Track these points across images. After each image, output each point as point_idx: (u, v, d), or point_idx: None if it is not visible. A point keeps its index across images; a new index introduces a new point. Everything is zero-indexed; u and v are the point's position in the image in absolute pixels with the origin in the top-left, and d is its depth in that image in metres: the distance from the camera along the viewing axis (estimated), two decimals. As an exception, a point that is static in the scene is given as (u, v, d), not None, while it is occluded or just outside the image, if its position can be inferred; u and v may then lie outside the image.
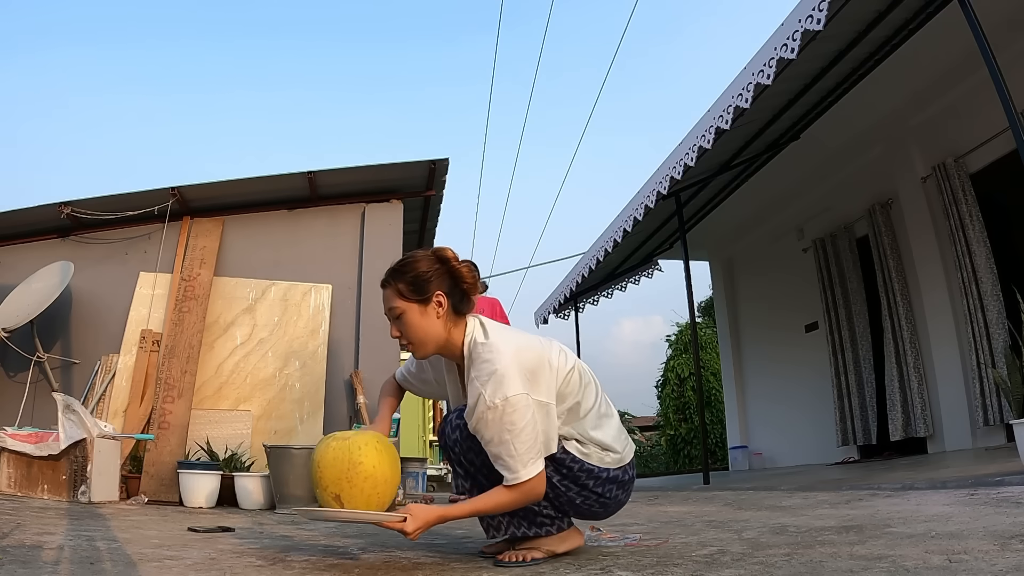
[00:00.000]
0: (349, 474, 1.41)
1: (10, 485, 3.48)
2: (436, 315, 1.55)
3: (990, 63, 2.96)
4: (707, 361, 12.33)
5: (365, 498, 1.41)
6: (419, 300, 1.55)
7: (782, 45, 3.52)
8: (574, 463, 1.53)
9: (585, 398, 1.58)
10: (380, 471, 1.44)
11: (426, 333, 1.56)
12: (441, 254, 1.59)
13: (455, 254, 1.60)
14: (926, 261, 5.05)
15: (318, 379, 4.83)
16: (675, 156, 4.75)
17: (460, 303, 1.58)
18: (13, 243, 5.22)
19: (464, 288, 1.59)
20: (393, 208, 5.56)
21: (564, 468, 1.53)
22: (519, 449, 1.41)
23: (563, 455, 1.52)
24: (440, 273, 1.57)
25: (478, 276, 1.61)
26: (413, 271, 1.56)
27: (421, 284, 1.55)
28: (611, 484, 1.57)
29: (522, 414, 1.41)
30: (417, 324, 1.55)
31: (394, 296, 1.57)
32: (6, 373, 4.79)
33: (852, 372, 5.76)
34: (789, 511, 2.38)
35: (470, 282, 1.59)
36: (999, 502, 1.94)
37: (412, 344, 1.58)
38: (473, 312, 1.64)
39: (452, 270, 1.58)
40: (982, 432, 4.45)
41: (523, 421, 1.41)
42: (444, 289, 1.56)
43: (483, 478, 1.54)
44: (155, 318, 4.82)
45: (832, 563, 1.29)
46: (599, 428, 1.57)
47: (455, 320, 1.58)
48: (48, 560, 1.49)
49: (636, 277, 7.86)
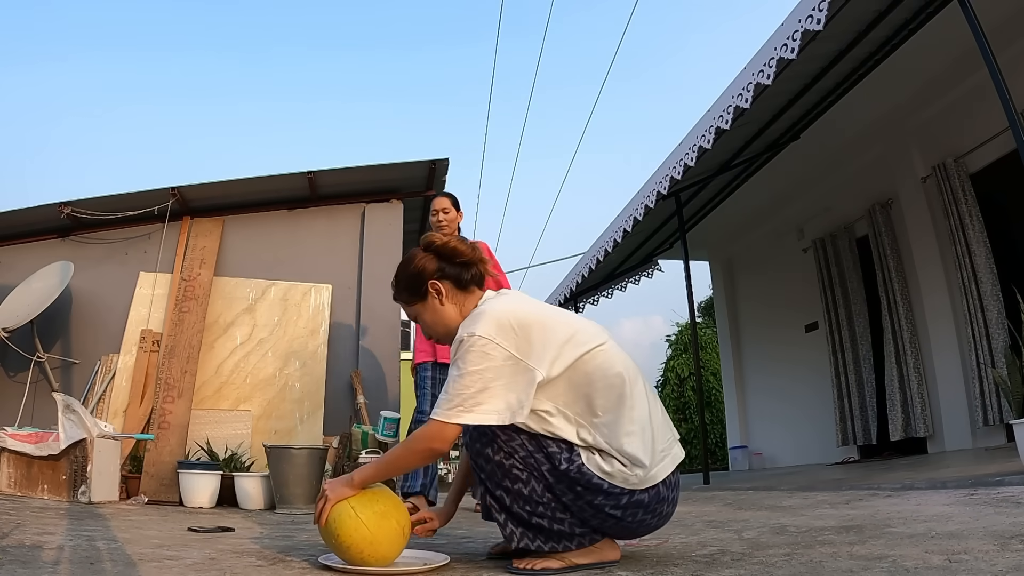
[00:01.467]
0: (339, 521, 1.42)
1: (10, 485, 3.48)
2: (440, 303, 1.54)
3: (990, 63, 2.96)
4: (707, 361, 12.33)
5: (356, 542, 1.41)
6: (419, 298, 1.56)
7: (782, 45, 3.52)
8: (590, 483, 1.35)
9: (610, 383, 1.40)
10: (365, 517, 1.42)
11: (443, 324, 1.55)
12: (426, 241, 1.59)
13: (439, 236, 1.58)
14: (926, 261, 5.05)
15: (318, 379, 4.84)
16: (675, 156, 4.75)
17: (461, 276, 1.55)
18: (13, 243, 5.22)
19: (460, 262, 1.55)
20: (393, 208, 5.56)
21: (580, 486, 1.36)
22: (456, 388, 1.33)
23: (578, 474, 1.35)
24: (428, 259, 1.55)
25: (470, 244, 1.57)
26: (404, 274, 1.58)
27: (413, 282, 1.56)
28: (634, 508, 1.38)
29: (477, 356, 1.33)
30: (430, 320, 1.56)
31: (405, 307, 1.61)
32: (6, 373, 4.79)
33: (852, 372, 5.75)
34: (789, 511, 2.38)
35: (464, 252, 1.55)
36: (999, 502, 1.93)
37: (438, 338, 1.59)
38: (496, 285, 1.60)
39: (438, 250, 1.56)
40: (982, 432, 4.45)
41: (476, 365, 1.32)
42: (436, 274, 1.54)
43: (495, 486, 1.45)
44: (155, 318, 4.82)
45: (832, 563, 1.29)
46: (617, 431, 1.37)
47: (465, 296, 1.56)
48: (48, 560, 1.49)
49: (636, 277, 7.86)
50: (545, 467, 1.38)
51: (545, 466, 1.38)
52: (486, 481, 1.44)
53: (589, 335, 1.43)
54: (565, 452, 1.37)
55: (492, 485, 1.43)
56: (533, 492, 1.38)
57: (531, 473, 1.38)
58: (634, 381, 1.43)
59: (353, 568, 1.43)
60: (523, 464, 1.38)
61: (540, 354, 1.36)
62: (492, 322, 1.37)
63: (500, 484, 1.41)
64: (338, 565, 1.47)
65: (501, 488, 1.41)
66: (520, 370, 1.34)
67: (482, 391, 1.31)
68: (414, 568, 1.45)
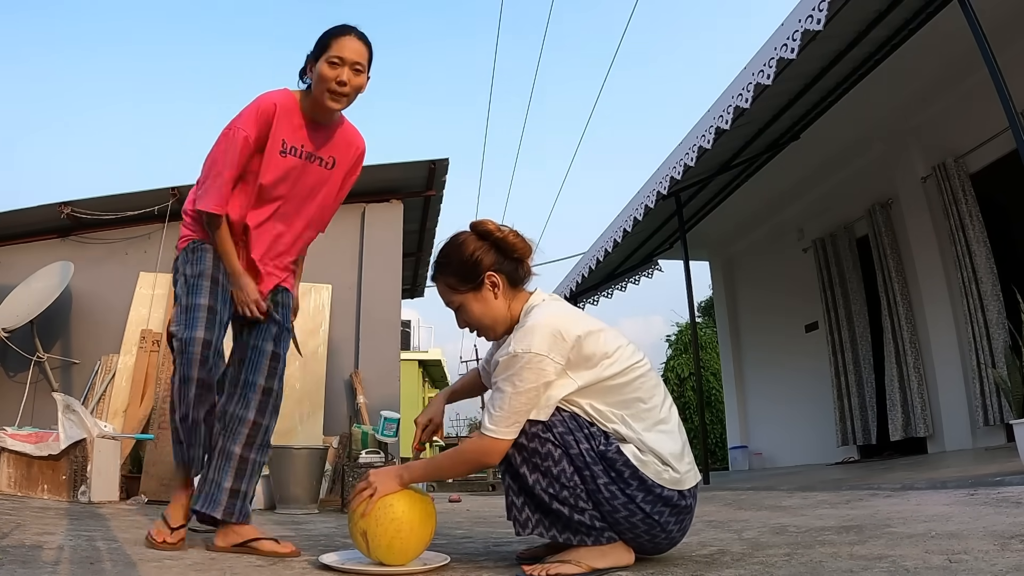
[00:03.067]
0: (378, 514, 1.40)
1: (10, 485, 3.48)
2: (494, 295, 1.48)
3: (990, 63, 2.96)
4: (707, 361, 12.33)
5: (388, 539, 1.40)
6: (472, 287, 1.48)
7: (782, 45, 3.52)
8: (626, 467, 1.35)
9: (648, 394, 1.44)
10: (407, 517, 1.41)
11: (491, 318, 1.49)
12: (481, 228, 1.50)
13: (495, 224, 1.50)
14: (926, 261, 5.05)
15: (318, 379, 4.83)
16: (675, 156, 4.75)
17: (515, 273, 1.50)
18: (13, 243, 5.22)
19: (516, 257, 1.49)
20: (393, 208, 5.56)
21: (614, 471, 1.35)
22: (512, 405, 1.34)
23: (616, 455, 1.35)
24: (485, 250, 1.48)
25: (526, 240, 1.52)
26: (457, 258, 1.49)
27: (469, 270, 1.47)
28: (663, 505, 1.36)
29: (534, 374, 1.33)
30: (479, 312, 1.49)
31: (447, 291, 1.51)
32: (6, 373, 4.79)
33: (852, 372, 5.76)
34: (789, 511, 2.38)
35: (521, 248, 1.50)
36: (999, 502, 1.93)
37: (481, 331, 1.52)
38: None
39: (497, 242, 1.49)
40: (982, 432, 4.45)
41: (533, 383, 1.33)
42: (494, 266, 1.47)
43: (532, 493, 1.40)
44: (155, 318, 4.82)
45: (832, 563, 1.29)
46: (650, 431, 1.39)
47: (514, 293, 1.51)
48: (48, 560, 1.49)
49: (636, 277, 7.86)
50: (583, 446, 1.36)
51: (584, 444, 1.36)
52: (511, 457, 1.39)
53: (629, 353, 1.45)
54: (603, 436, 1.38)
55: (518, 461, 1.38)
56: (563, 472, 1.35)
57: (565, 451, 1.36)
58: (668, 400, 1.48)
59: (353, 568, 1.43)
60: (559, 440, 1.36)
61: (585, 370, 1.39)
62: (547, 336, 1.36)
63: (528, 460, 1.37)
64: (338, 565, 1.47)
65: (528, 465, 1.37)
66: (564, 380, 1.38)
67: (536, 406, 1.36)
68: (414, 568, 1.45)
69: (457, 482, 13.11)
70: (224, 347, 1.85)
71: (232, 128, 1.80)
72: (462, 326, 1.53)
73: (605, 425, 1.39)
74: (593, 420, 1.39)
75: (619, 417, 1.39)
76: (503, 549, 1.81)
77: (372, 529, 1.40)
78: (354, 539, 1.46)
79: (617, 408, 1.40)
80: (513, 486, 1.41)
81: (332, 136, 1.95)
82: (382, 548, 1.41)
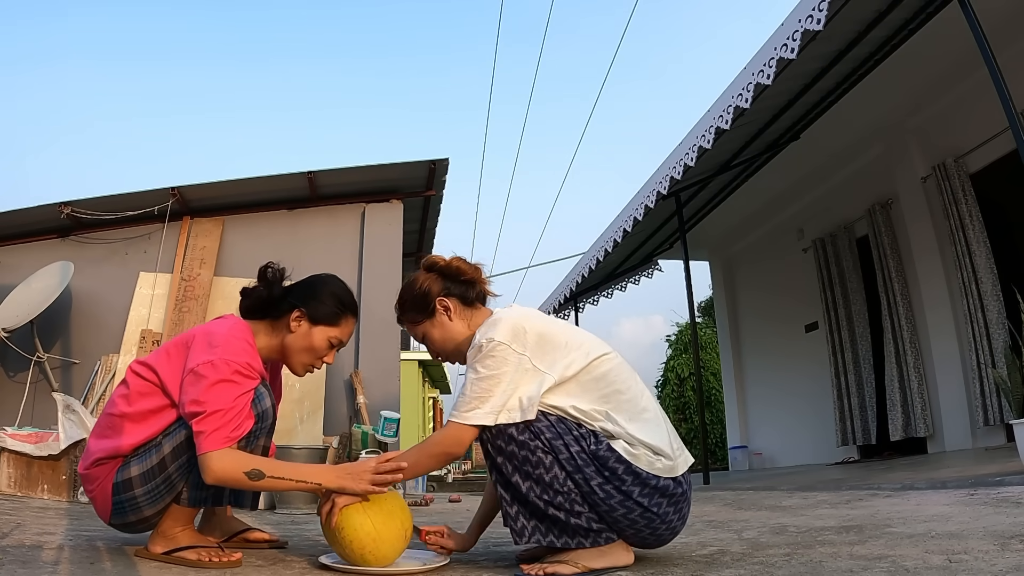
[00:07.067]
0: (339, 535, 1.43)
1: (10, 485, 3.48)
2: (448, 318, 1.57)
3: (990, 63, 2.96)
4: (707, 361, 12.33)
5: (360, 552, 1.42)
6: (427, 315, 1.58)
7: (782, 45, 3.52)
8: (619, 463, 1.35)
9: (625, 384, 1.46)
10: (366, 528, 1.42)
11: (452, 341, 1.58)
12: (428, 262, 1.62)
13: (442, 256, 1.62)
14: (926, 261, 5.05)
15: (318, 379, 4.84)
16: (675, 156, 4.75)
17: (467, 294, 1.59)
18: (13, 243, 5.23)
19: (465, 280, 1.59)
20: (393, 208, 5.56)
21: (607, 469, 1.35)
22: (474, 390, 1.38)
23: (608, 452, 1.36)
24: (433, 279, 1.58)
25: (471, 263, 1.61)
26: (410, 294, 1.60)
27: (420, 300, 1.58)
28: (660, 496, 1.37)
29: (495, 360, 1.38)
30: (439, 337, 1.58)
31: (411, 326, 1.62)
32: (6, 373, 4.80)
33: (852, 372, 5.76)
34: (789, 511, 2.38)
35: (467, 271, 1.59)
36: (999, 502, 1.93)
37: (445, 356, 1.61)
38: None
39: (442, 270, 1.59)
40: (982, 432, 4.45)
41: (494, 369, 1.38)
42: (442, 292, 1.57)
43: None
44: (155, 318, 4.82)
45: (832, 563, 1.30)
46: (635, 422, 1.40)
47: (472, 313, 1.59)
48: (48, 560, 1.49)
49: (636, 277, 7.86)
50: (574, 448, 1.37)
51: (574, 447, 1.37)
52: (502, 466, 1.40)
53: (597, 344, 1.49)
54: (591, 436, 1.39)
55: (509, 470, 1.39)
56: (555, 479, 1.36)
57: (555, 457, 1.37)
58: (643, 387, 1.50)
59: (353, 568, 1.44)
60: (548, 446, 1.37)
61: (552, 359, 1.41)
62: (509, 328, 1.42)
63: (519, 468, 1.38)
64: (338, 565, 1.47)
65: (519, 473, 1.38)
66: (533, 373, 1.40)
67: (499, 394, 1.37)
68: (413, 568, 1.45)
69: (457, 482, 13.12)
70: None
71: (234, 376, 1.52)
72: (434, 356, 1.64)
73: (592, 424, 1.40)
74: (580, 422, 1.40)
75: (603, 414, 1.40)
76: (503, 549, 1.81)
77: (340, 550, 1.45)
78: (336, 548, 1.49)
79: (599, 404, 1.41)
80: (506, 496, 1.41)
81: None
82: (360, 561, 1.43)
